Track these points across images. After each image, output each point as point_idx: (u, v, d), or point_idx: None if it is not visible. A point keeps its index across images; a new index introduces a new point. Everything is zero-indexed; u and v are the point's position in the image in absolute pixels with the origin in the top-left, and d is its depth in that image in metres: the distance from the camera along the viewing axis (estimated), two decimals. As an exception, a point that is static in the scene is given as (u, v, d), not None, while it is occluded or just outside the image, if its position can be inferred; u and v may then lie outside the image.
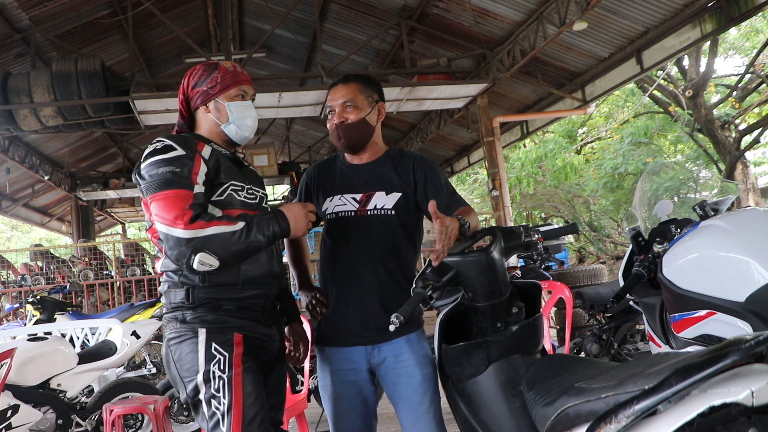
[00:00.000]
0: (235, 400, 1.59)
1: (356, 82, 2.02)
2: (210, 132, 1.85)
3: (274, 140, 13.81)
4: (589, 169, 14.50)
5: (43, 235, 24.74)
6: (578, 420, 1.14)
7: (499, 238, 1.63)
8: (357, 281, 1.94)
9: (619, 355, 4.15)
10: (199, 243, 1.57)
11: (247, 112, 1.84)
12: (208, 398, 1.61)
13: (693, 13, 6.18)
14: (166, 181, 1.63)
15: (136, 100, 7.24)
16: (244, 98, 1.85)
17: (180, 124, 1.90)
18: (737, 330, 1.74)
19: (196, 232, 1.57)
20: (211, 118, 1.83)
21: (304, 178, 2.15)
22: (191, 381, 1.64)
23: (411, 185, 1.99)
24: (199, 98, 1.83)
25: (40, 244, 17.27)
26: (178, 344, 1.68)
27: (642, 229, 2.41)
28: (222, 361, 1.63)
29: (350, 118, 1.96)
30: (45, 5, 7.02)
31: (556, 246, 5.95)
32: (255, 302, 1.77)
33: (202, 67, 1.86)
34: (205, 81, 1.82)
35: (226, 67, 1.84)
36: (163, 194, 1.62)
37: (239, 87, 1.83)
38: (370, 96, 2.01)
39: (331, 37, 9.03)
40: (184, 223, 1.57)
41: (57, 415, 3.37)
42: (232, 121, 1.82)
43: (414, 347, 1.92)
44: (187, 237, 1.57)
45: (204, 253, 1.57)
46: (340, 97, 1.98)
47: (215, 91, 1.81)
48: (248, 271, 1.74)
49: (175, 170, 1.65)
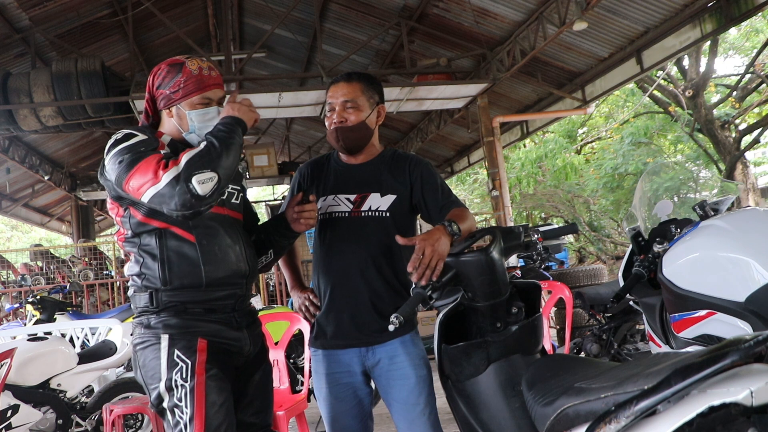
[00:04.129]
0: (197, 409, 1.54)
1: (359, 81, 1.98)
2: (175, 133, 1.76)
3: (274, 140, 13.81)
4: (589, 169, 14.49)
5: (43, 235, 24.73)
6: (578, 420, 1.14)
7: (498, 238, 1.63)
8: (350, 283, 1.92)
9: (619, 355, 4.15)
10: (184, 172, 1.51)
11: (211, 121, 1.70)
12: (171, 407, 1.57)
13: (693, 13, 6.18)
14: (134, 159, 1.57)
15: (136, 100, 7.24)
16: (208, 105, 1.72)
17: (144, 124, 1.81)
18: (737, 330, 1.74)
19: (174, 169, 1.51)
20: (173, 122, 1.74)
21: (296, 175, 2.11)
22: (155, 389, 1.60)
23: (407, 187, 1.97)
24: (162, 101, 1.73)
25: (40, 244, 17.29)
26: (143, 350, 1.63)
27: (642, 229, 2.41)
28: (184, 369, 1.58)
29: (350, 120, 1.94)
30: (45, 5, 7.02)
31: (556, 246, 5.96)
32: (224, 303, 1.70)
33: (166, 66, 1.73)
34: (168, 84, 1.70)
35: (191, 70, 1.70)
36: (135, 167, 1.56)
37: (203, 94, 1.70)
38: (371, 97, 1.99)
39: (331, 37, 9.03)
40: (162, 171, 1.51)
41: (57, 415, 3.37)
42: (192, 130, 1.72)
43: (408, 349, 1.91)
44: (171, 177, 1.50)
45: (196, 174, 1.51)
46: (341, 95, 1.95)
47: (177, 97, 1.70)
48: (212, 272, 1.67)
49: (140, 149, 1.59)
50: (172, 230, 1.66)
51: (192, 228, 1.66)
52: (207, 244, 1.67)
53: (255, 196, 21.76)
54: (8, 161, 10.43)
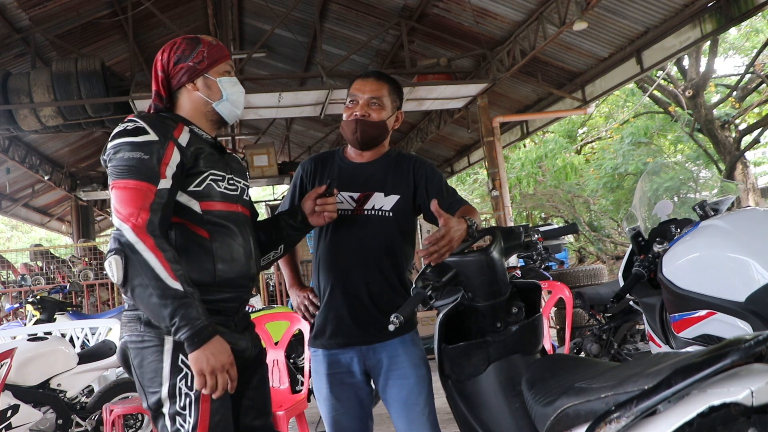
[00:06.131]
0: (201, 420, 1.48)
1: (387, 82, 1.99)
2: (195, 112, 1.69)
3: (274, 140, 13.80)
4: (589, 169, 14.50)
5: (43, 235, 24.73)
6: (578, 420, 1.14)
7: (498, 238, 1.63)
8: (351, 282, 1.92)
9: (619, 355, 4.15)
10: (130, 253, 1.42)
11: (237, 87, 1.71)
12: (172, 414, 1.50)
13: (693, 13, 6.18)
14: (130, 168, 1.49)
15: (136, 100, 7.24)
16: (230, 74, 1.72)
17: (158, 108, 1.71)
18: (737, 330, 1.74)
19: (139, 245, 1.42)
20: (198, 96, 1.67)
21: (299, 170, 2.08)
22: (155, 393, 1.52)
23: (411, 188, 1.97)
24: (185, 75, 1.66)
25: (40, 244, 17.29)
26: (141, 350, 1.53)
27: (642, 229, 2.41)
28: (189, 377, 1.49)
29: (373, 116, 1.93)
30: (45, 5, 7.02)
31: (556, 246, 5.97)
32: (229, 306, 1.64)
33: (183, 40, 1.68)
34: (191, 56, 1.65)
35: (210, 41, 1.69)
36: (124, 183, 1.48)
37: (226, 62, 1.70)
38: (395, 101, 2.00)
39: (331, 37, 9.03)
40: (134, 223, 1.44)
41: (57, 415, 3.37)
42: (225, 97, 1.69)
43: (408, 348, 1.90)
44: (129, 241, 1.43)
45: (121, 262, 1.42)
46: (369, 91, 1.94)
47: (203, 67, 1.66)
48: (224, 271, 1.59)
49: (143, 157, 1.49)
50: (186, 225, 1.59)
51: (207, 224, 1.59)
52: (221, 241, 1.60)
53: (255, 196, 21.76)
54: (8, 161, 10.43)
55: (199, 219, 1.59)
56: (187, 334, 1.42)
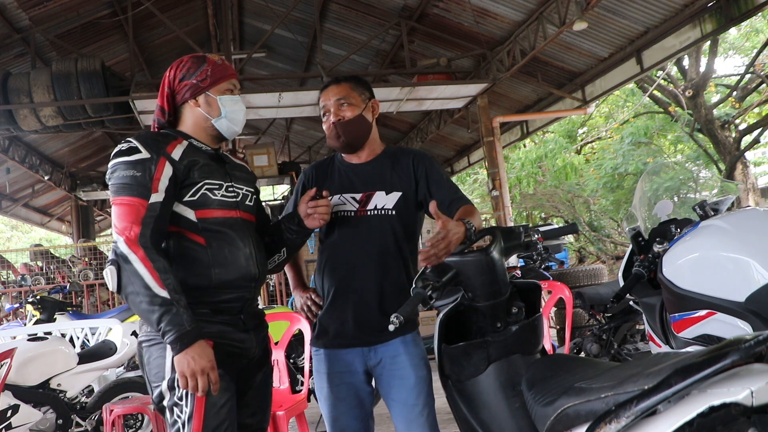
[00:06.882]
0: (197, 409, 1.55)
1: (346, 81, 2.02)
2: (196, 127, 1.80)
3: (274, 140, 13.81)
4: (589, 169, 14.50)
5: (43, 235, 24.75)
6: (578, 420, 1.14)
7: (498, 238, 1.63)
8: (355, 282, 1.92)
9: (619, 355, 4.15)
10: (123, 263, 1.55)
11: (238, 106, 1.81)
12: (171, 405, 1.59)
13: (693, 13, 6.18)
14: (124, 186, 1.61)
15: (136, 100, 7.24)
16: (233, 92, 1.81)
17: (160, 122, 1.82)
18: (737, 330, 1.74)
19: (131, 256, 1.54)
20: (199, 112, 1.78)
21: (301, 177, 2.13)
22: (157, 387, 1.62)
23: (411, 184, 1.98)
24: (188, 92, 1.77)
25: (40, 244, 17.30)
26: (148, 347, 1.65)
27: (642, 229, 2.41)
28: None
29: (347, 115, 1.96)
30: (45, 5, 7.02)
31: (556, 246, 5.97)
32: (231, 306, 1.72)
33: (189, 59, 1.80)
34: (194, 74, 1.77)
35: (215, 60, 1.80)
36: (119, 200, 1.61)
37: (229, 81, 1.80)
38: (362, 93, 2.02)
39: (331, 37, 9.03)
40: (127, 236, 1.56)
41: (57, 415, 3.37)
42: (224, 115, 1.78)
43: (410, 349, 1.91)
44: (123, 252, 1.55)
45: (115, 271, 1.55)
46: (333, 96, 1.98)
47: (205, 84, 1.77)
48: (221, 275, 1.68)
49: (135, 174, 1.61)
50: (182, 233, 1.68)
51: (202, 231, 1.69)
52: (217, 246, 1.69)
53: (255, 196, 21.73)
54: (8, 161, 10.43)
55: (194, 227, 1.69)
56: (171, 338, 1.52)
